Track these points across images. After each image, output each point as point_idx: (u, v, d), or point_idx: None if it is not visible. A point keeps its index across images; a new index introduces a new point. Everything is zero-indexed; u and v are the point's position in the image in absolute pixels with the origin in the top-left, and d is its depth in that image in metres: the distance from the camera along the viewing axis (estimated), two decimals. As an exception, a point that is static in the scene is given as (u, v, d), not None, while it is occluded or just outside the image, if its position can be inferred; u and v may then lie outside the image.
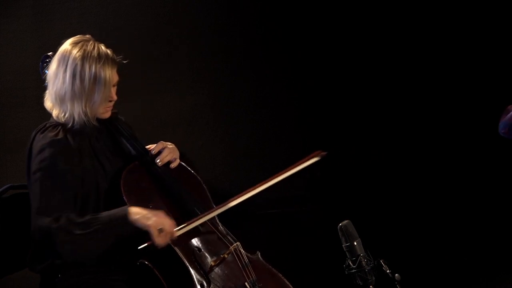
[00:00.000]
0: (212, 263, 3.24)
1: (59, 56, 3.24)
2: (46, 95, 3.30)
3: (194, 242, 3.27)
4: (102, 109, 3.27)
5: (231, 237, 3.39)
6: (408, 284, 3.28)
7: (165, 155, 3.40)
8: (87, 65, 3.18)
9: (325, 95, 4.97)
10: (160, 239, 3.07)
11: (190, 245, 3.25)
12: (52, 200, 3.08)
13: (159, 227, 3.06)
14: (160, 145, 3.43)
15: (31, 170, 3.17)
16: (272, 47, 4.90)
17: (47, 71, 3.31)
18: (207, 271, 3.20)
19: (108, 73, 3.22)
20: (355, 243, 3.23)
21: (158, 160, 3.37)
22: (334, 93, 4.98)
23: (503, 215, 4.90)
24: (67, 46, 3.25)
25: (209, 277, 3.19)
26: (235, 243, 3.34)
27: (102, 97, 3.23)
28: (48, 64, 3.38)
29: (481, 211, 4.92)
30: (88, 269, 3.17)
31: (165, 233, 3.08)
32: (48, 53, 3.43)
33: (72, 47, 3.23)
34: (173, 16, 4.73)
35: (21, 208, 3.34)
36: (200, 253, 3.24)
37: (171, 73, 4.74)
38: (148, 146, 3.44)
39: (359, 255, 3.22)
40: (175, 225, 3.12)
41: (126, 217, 3.05)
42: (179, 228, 3.13)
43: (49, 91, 3.27)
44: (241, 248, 3.34)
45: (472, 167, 4.95)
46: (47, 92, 3.29)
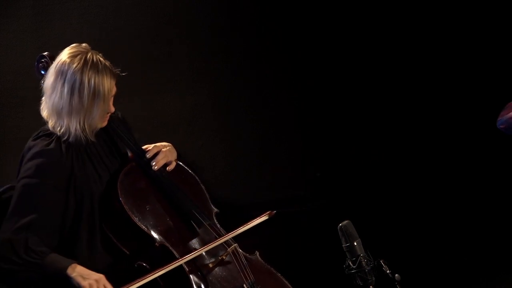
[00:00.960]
0: (210, 265, 3.23)
1: (57, 68, 3.16)
2: (43, 104, 3.25)
3: (192, 244, 3.26)
4: (100, 122, 3.22)
5: (229, 239, 3.38)
6: (408, 284, 3.28)
7: (160, 159, 3.36)
8: (86, 79, 3.12)
9: (325, 95, 4.98)
10: None
11: (188, 247, 3.24)
12: (25, 212, 3.07)
13: None
14: (155, 149, 3.37)
15: (18, 179, 3.18)
16: (272, 47, 4.90)
17: (43, 82, 3.23)
18: (205, 273, 3.19)
19: (107, 87, 3.16)
20: (355, 243, 3.23)
21: (154, 163, 3.34)
22: (334, 93, 4.98)
23: (503, 215, 4.90)
24: (65, 58, 3.16)
25: (207, 279, 3.18)
26: (233, 245, 3.32)
27: (101, 112, 3.18)
28: (44, 65, 3.32)
29: (481, 211, 4.92)
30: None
31: None
32: (43, 53, 3.39)
33: (70, 60, 3.14)
34: (173, 16, 4.73)
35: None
36: (198, 255, 3.23)
37: (171, 73, 4.74)
38: (145, 147, 3.40)
39: (359, 255, 3.22)
40: None
41: (65, 270, 3.03)
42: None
43: (46, 102, 3.22)
44: (239, 249, 3.33)
45: (472, 167, 4.95)
46: (43, 101, 3.24)
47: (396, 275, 3.20)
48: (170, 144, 3.48)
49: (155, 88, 4.72)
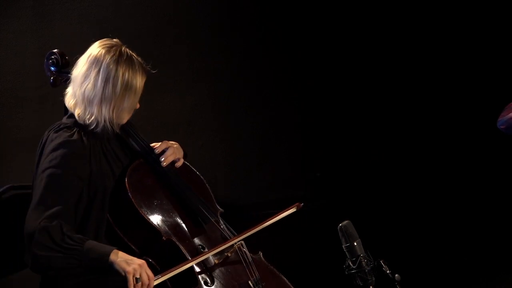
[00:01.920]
0: (216, 261, 3.24)
1: (91, 58, 3.20)
2: (69, 93, 3.26)
3: (198, 240, 3.27)
4: (127, 116, 3.27)
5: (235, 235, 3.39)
6: (408, 284, 3.28)
7: (169, 155, 3.39)
8: (121, 71, 3.17)
9: (325, 95, 4.98)
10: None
11: (194, 243, 3.25)
12: (52, 201, 3.06)
13: (137, 276, 3.01)
14: (164, 145, 3.42)
15: (40, 168, 3.15)
16: (272, 47, 4.90)
17: (73, 71, 3.27)
18: (211, 269, 3.20)
19: (139, 82, 3.24)
20: (355, 244, 3.23)
21: (162, 159, 3.37)
22: (334, 93, 4.98)
23: (503, 215, 4.90)
24: (100, 49, 3.22)
25: (213, 275, 3.19)
26: (239, 242, 3.34)
27: (131, 105, 3.23)
28: (54, 61, 3.37)
29: (481, 211, 4.93)
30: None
31: (141, 284, 3.02)
32: (53, 50, 3.42)
33: (106, 51, 3.21)
34: (173, 16, 4.73)
35: (21, 208, 3.34)
36: (204, 251, 3.24)
37: (171, 73, 4.74)
38: (153, 144, 3.44)
39: (359, 256, 3.22)
40: (153, 277, 3.04)
41: (107, 255, 3.01)
42: (157, 278, 3.05)
43: (74, 91, 3.23)
44: (245, 246, 3.34)
45: (472, 168, 4.95)
46: (70, 90, 3.26)
47: (396, 275, 3.20)
48: (177, 143, 3.50)
49: (155, 88, 4.72)
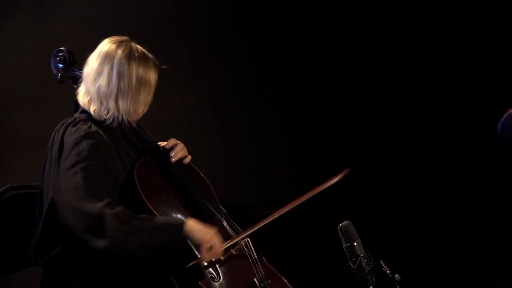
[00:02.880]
0: (223, 257, 3.25)
1: (103, 54, 3.20)
2: (82, 91, 3.25)
3: None
4: (142, 112, 3.28)
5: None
6: (408, 284, 3.28)
7: (179, 150, 3.40)
8: (134, 66, 3.18)
9: (325, 95, 4.98)
10: (208, 256, 3.07)
11: None
12: (99, 188, 3.03)
13: (211, 244, 3.05)
14: (173, 141, 3.42)
15: (67, 165, 3.08)
16: (272, 47, 4.90)
17: (84, 69, 3.27)
18: (218, 265, 3.21)
19: (153, 76, 3.26)
20: (355, 244, 3.23)
21: (172, 155, 3.37)
22: (334, 93, 4.99)
23: (503, 215, 4.90)
24: (111, 45, 3.23)
25: (220, 271, 3.20)
26: (246, 238, 3.34)
27: (146, 99, 3.24)
28: (62, 59, 3.38)
29: (481, 211, 4.93)
30: (91, 269, 3.15)
31: (214, 251, 3.07)
32: (61, 48, 3.42)
33: (117, 47, 3.21)
34: (173, 16, 4.73)
35: (21, 208, 3.34)
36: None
37: (171, 73, 4.74)
38: (159, 143, 3.45)
39: (359, 256, 3.22)
40: (222, 246, 3.11)
41: (181, 226, 3.02)
42: (224, 245, 3.12)
43: (87, 88, 3.22)
44: (251, 244, 3.35)
45: (472, 168, 4.96)
46: (83, 88, 3.24)
47: (396, 275, 3.20)
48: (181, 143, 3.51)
49: (155, 88, 4.72)
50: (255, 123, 4.88)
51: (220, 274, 3.19)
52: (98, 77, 3.19)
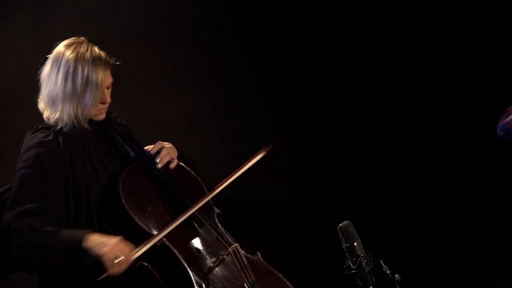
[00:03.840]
0: (211, 264, 3.24)
1: (53, 58, 3.24)
2: (40, 97, 3.31)
3: (193, 244, 3.27)
4: (95, 111, 3.26)
5: (230, 238, 3.39)
6: (408, 285, 3.28)
7: (164, 155, 3.38)
8: (80, 67, 3.18)
9: (325, 95, 4.98)
10: (115, 268, 3.01)
11: (189, 247, 3.25)
12: (26, 199, 3.07)
13: (115, 255, 3.00)
14: (158, 145, 3.42)
15: (17, 167, 3.19)
16: (272, 47, 4.90)
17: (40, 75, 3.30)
18: (206, 273, 3.20)
19: (100, 75, 3.22)
20: (355, 244, 3.24)
21: (158, 160, 3.36)
22: (334, 93, 4.98)
23: (503, 215, 4.90)
24: (61, 48, 3.25)
25: (208, 279, 3.19)
26: (234, 244, 3.34)
27: (94, 99, 3.21)
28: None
29: (481, 211, 4.92)
30: (86, 270, 3.15)
31: (121, 261, 3.01)
32: (47, 56, 3.43)
33: (66, 49, 3.23)
34: (173, 16, 4.73)
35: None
36: (199, 254, 3.24)
37: (171, 73, 4.74)
38: (146, 147, 3.43)
39: (359, 256, 3.23)
40: (132, 250, 3.05)
41: (81, 242, 3.01)
42: (136, 251, 3.06)
43: (42, 93, 3.28)
44: (240, 249, 3.34)
45: (472, 168, 4.95)
46: (41, 94, 3.30)
47: (396, 275, 3.21)
48: (171, 144, 3.50)
49: (155, 88, 4.72)
50: (255, 123, 4.88)
51: (209, 282, 3.18)
52: (48, 81, 3.24)
